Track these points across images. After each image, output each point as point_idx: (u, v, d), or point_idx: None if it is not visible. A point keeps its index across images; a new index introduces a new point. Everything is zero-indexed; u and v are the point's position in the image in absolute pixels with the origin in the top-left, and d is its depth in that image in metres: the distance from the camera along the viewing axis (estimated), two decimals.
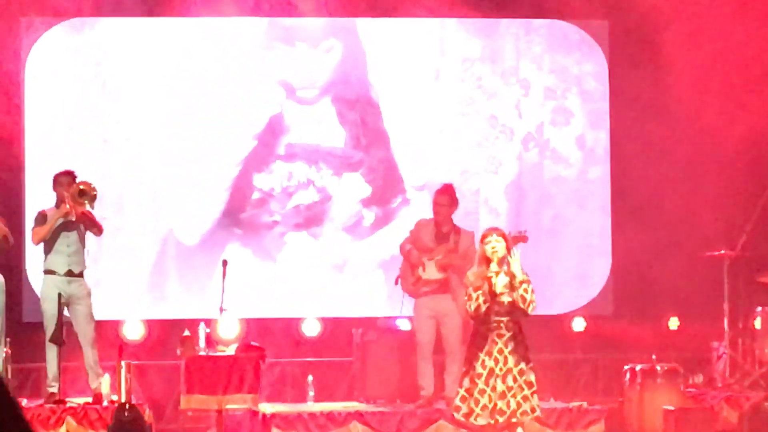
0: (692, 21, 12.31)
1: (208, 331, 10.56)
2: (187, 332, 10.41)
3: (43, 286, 10.35)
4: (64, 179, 10.30)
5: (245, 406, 10.38)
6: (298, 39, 12.86)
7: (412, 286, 10.94)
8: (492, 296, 8.49)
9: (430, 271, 10.85)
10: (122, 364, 9.96)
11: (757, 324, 11.57)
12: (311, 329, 12.51)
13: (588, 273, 13.09)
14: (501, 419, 8.52)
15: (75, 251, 10.32)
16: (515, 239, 9.19)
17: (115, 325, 11.92)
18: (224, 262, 10.68)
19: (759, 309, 11.60)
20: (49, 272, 10.31)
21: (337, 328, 12.38)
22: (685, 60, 12.23)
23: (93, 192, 10.15)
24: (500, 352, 8.53)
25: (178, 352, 10.36)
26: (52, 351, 10.12)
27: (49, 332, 10.11)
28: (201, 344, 10.38)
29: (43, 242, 10.32)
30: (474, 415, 8.57)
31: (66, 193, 10.18)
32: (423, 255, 10.86)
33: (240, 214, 12.71)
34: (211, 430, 10.48)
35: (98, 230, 10.39)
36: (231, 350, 10.38)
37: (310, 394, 11.32)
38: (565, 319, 12.85)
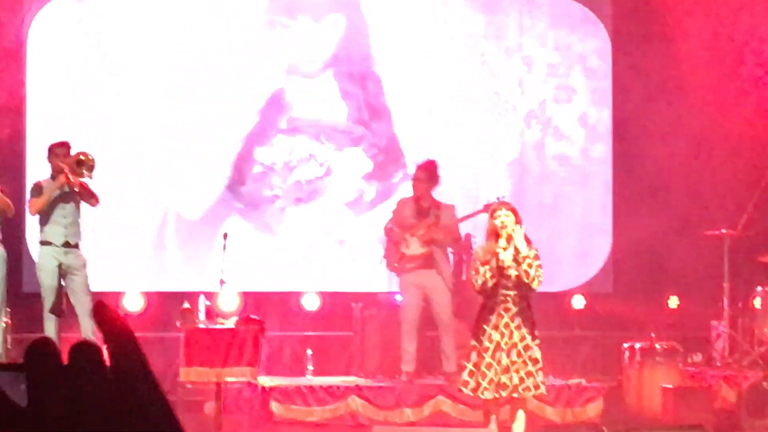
0: None
1: (208, 303, 10.55)
2: (187, 305, 10.40)
3: (40, 257, 10.32)
4: (60, 150, 10.23)
5: (244, 379, 10.39)
6: (301, 12, 12.81)
7: (397, 264, 10.94)
8: (499, 271, 8.48)
9: (414, 247, 10.83)
10: None
11: (757, 303, 11.58)
12: (311, 303, 12.50)
13: (589, 251, 13.08)
14: (504, 393, 8.53)
15: (72, 222, 10.28)
16: (487, 207, 9.31)
17: (115, 297, 11.90)
18: (225, 235, 10.67)
19: (759, 289, 11.60)
20: (46, 243, 10.27)
21: (336, 303, 12.38)
22: (689, 37, 12.19)
23: (91, 162, 10.10)
24: (506, 326, 8.52)
25: (178, 324, 10.35)
26: (51, 322, 10.10)
27: (47, 303, 10.09)
28: (201, 317, 10.37)
29: (40, 213, 10.29)
30: (481, 389, 8.57)
31: (63, 163, 10.13)
32: (405, 232, 10.85)
33: (241, 188, 12.69)
34: (210, 403, 10.48)
35: (95, 201, 10.32)
36: (231, 323, 10.36)
37: (309, 368, 11.34)
38: (566, 297, 12.84)
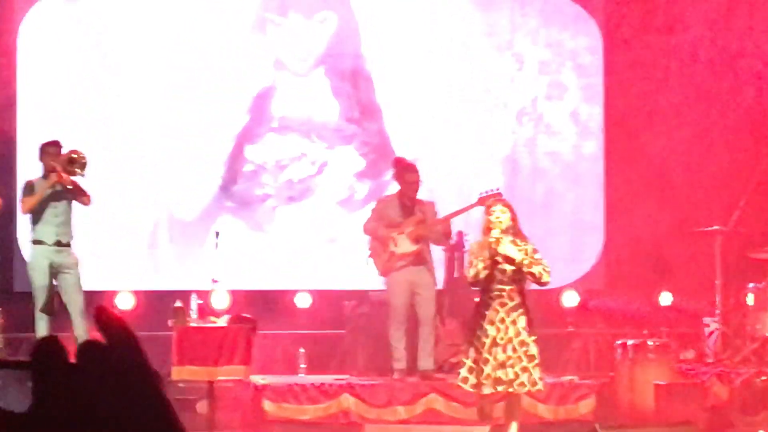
0: None
1: (200, 302, 10.54)
2: (178, 303, 10.39)
3: (31, 257, 10.31)
4: (51, 149, 10.22)
5: (236, 378, 10.38)
6: (293, 10, 12.79)
7: (387, 263, 10.88)
8: (493, 263, 8.44)
9: (404, 245, 10.80)
10: None
11: (749, 300, 11.57)
12: (303, 301, 12.49)
13: (581, 248, 13.08)
14: (500, 389, 8.49)
15: (63, 221, 10.26)
16: (482, 200, 9.30)
17: (107, 296, 11.87)
18: (216, 234, 10.65)
19: (751, 285, 11.59)
20: (37, 242, 10.25)
21: (328, 301, 12.36)
22: (684, 32, 12.18)
23: (83, 160, 10.08)
24: (502, 321, 8.48)
25: (170, 323, 10.34)
26: (43, 321, 10.09)
27: (39, 302, 10.07)
28: (193, 315, 10.36)
29: (32, 212, 10.26)
30: (480, 385, 8.54)
31: (54, 162, 10.12)
32: (392, 230, 10.81)
33: (232, 187, 12.67)
34: (203, 402, 10.46)
35: (87, 199, 10.30)
36: (223, 321, 10.36)
37: (302, 366, 11.32)
38: (558, 294, 12.83)
